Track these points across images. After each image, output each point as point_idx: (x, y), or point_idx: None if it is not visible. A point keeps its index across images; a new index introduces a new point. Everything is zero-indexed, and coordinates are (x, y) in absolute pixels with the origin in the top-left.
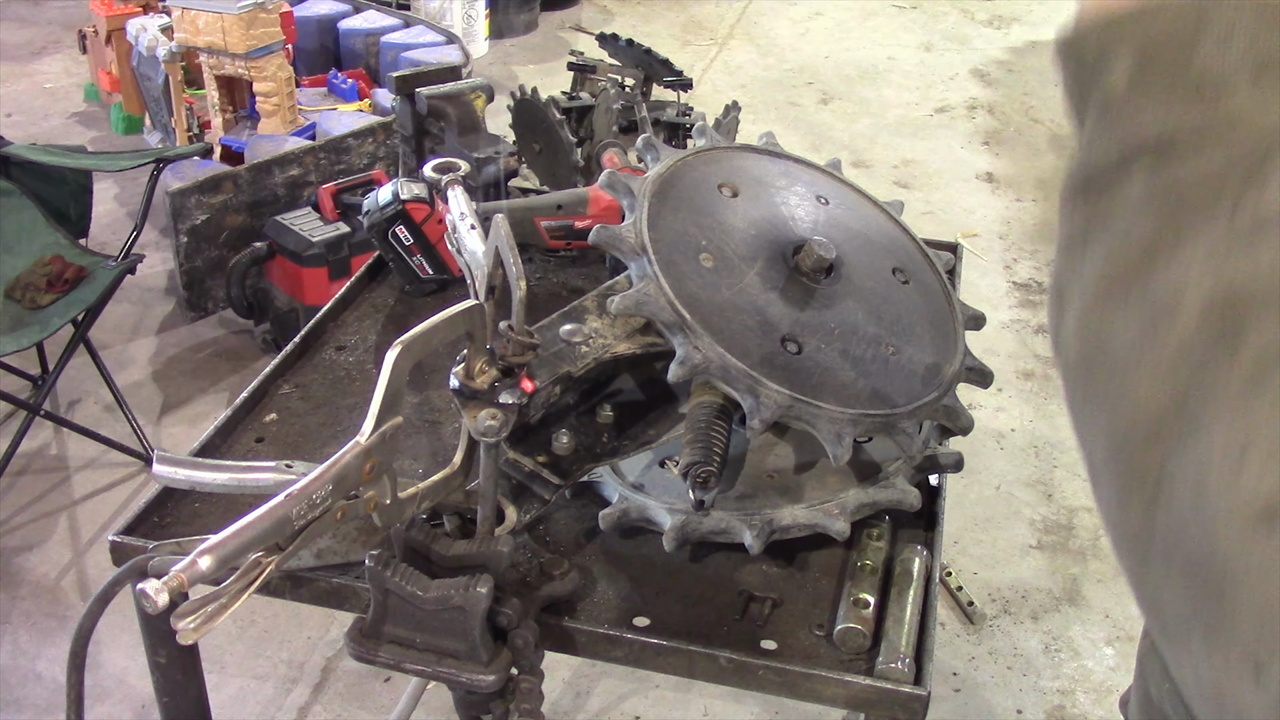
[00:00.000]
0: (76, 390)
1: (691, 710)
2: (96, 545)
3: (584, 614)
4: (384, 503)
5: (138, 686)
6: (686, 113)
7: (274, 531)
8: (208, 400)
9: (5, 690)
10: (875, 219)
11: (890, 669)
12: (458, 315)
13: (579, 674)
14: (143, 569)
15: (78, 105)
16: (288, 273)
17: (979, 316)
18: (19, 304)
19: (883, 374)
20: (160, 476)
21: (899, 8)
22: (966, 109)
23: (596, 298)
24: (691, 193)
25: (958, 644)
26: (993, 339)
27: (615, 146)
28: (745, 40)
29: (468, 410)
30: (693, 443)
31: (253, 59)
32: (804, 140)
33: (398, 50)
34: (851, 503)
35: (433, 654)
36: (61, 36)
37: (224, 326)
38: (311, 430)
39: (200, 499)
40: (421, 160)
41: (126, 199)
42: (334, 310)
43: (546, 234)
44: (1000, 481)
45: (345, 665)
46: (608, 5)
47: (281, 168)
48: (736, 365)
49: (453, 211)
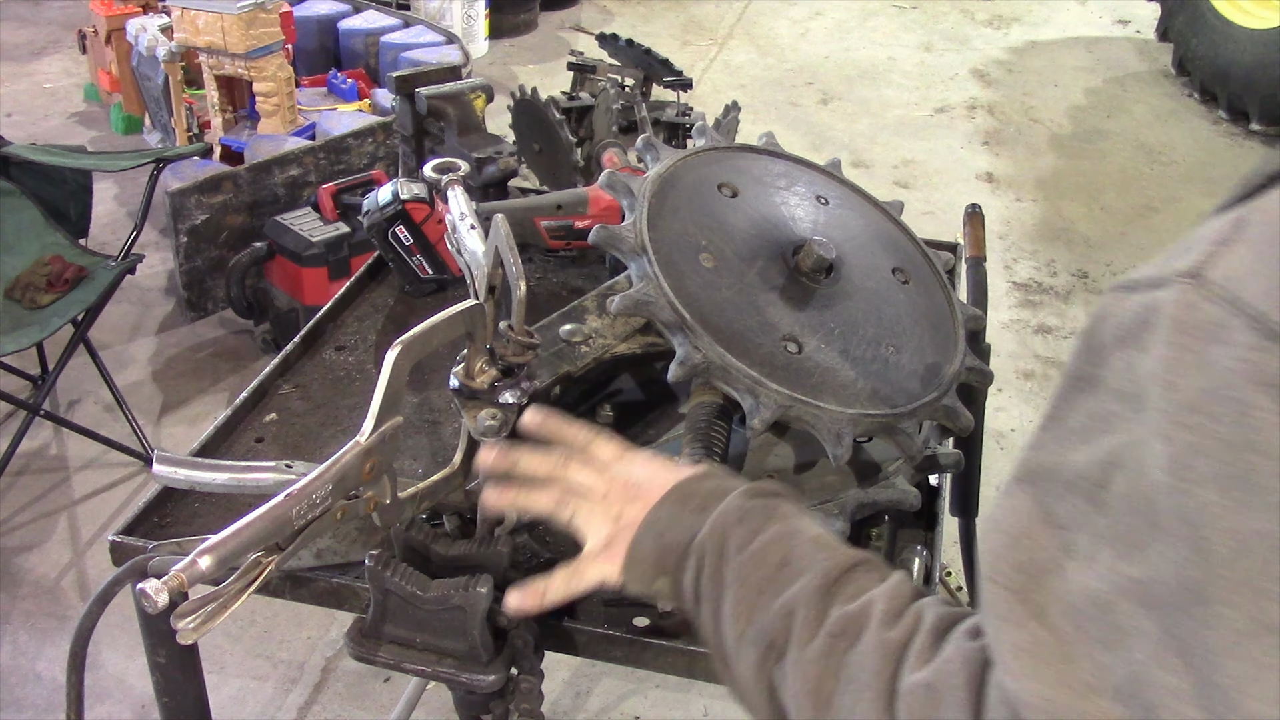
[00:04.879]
0: (76, 390)
1: (691, 710)
2: (96, 545)
3: (584, 614)
4: (384, 503)
5: (138, 686)
6: (686, 113)
7: (274, 531)
8: (208, 400)
9: (5, 690)
10: (875, 219)
11: None
12: (458, 315)
13: (579, 674)
14: (143, 569)
15: (78, 105)
16: (288, 273)
17: (978, 316)
18: (19, 304)
19: (883, 374)
20: (160, 476)
21: (899, 8)
22: (966, 109)
23: (596, 298)
24: (691, 193)
25: None
26: (993, 339)
27: (615, 146)
28: (745, 40)
29: (468, 410)
30: (693, 443)
31: (253, 59)
32: (804, 140)
33: (398, 50)
34: (851, 503)
35: (433, 654)
36: (61, 36)
37: (224, 326)
38: (311, 430)
39: (200, 499)
40: (421, 160)
41: (126, 199)
42: (334, 310)
43: (546, 234)
44: (1000, 481)
45: (345, 665)
46: (608, 5)
47: (281, 168)
48: (736, 365)
49: (453, 211)
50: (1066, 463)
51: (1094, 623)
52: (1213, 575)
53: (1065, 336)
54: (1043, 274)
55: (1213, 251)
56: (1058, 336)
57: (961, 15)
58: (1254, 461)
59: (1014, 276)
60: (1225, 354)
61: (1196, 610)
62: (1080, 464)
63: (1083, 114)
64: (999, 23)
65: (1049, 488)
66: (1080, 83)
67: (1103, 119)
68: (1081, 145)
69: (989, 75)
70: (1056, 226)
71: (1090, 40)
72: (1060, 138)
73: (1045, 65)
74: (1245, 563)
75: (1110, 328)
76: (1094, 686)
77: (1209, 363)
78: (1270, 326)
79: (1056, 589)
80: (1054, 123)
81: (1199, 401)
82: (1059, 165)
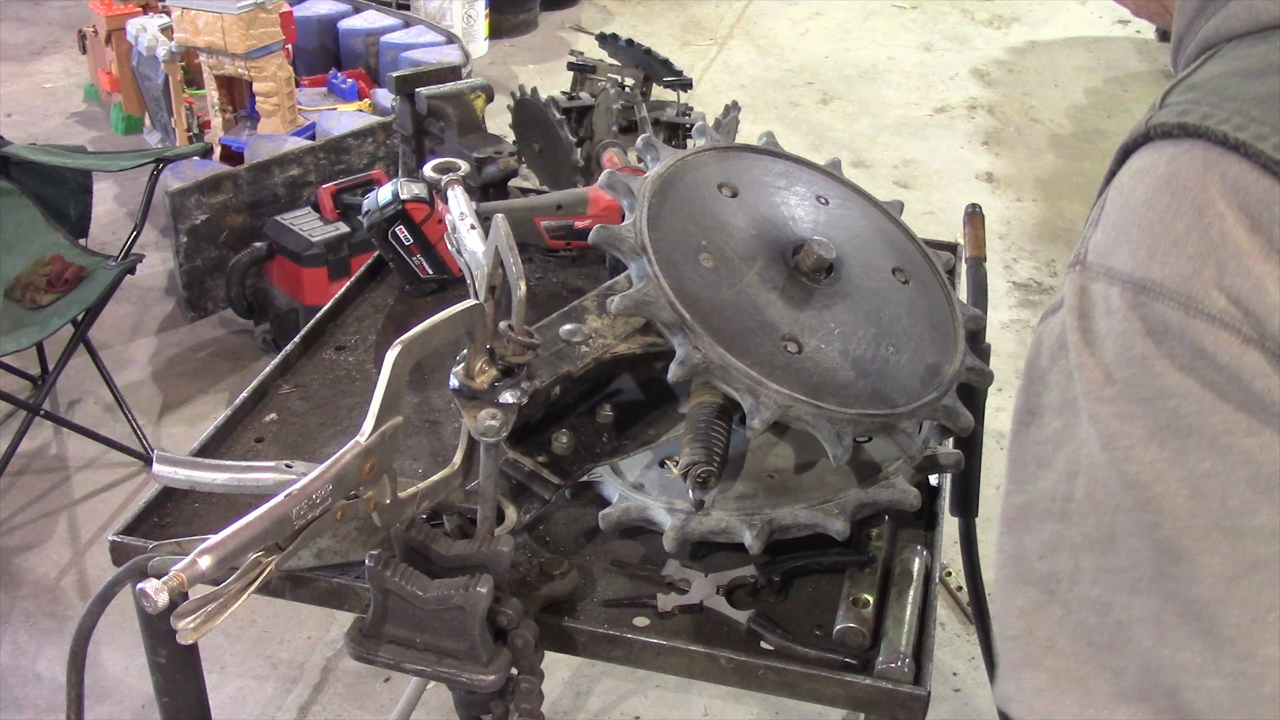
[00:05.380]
0: (76, 390)
1: (691, 710)
2: (96, 545)
3: (584, 614)
4: (384, 503)
5: (138, 686)
6: (686, 113)
7: (274, 531)
8: (208, 400)
9: (5, 690)
10: (875, 219)
11: (890, 669)
12: (458, 315)
13: (579, 674)
14: (143, 569)
15: (78, 105)
16: (287, 273)
17: (978, 316)
18: (19, 304)
19: (883, 374)
20: (160, 476)
21: (899, 8)
22: (966, 109)
23: (596, 298)
24: (691, 193)
25: (958, 644)
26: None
27: (615, 146)
28: (745, 40)
29: (468, 410)
30: (693, 443)
31: (253, 59)
32: (804, 140)
33: (398, 50)
34: (851, 503)
35: (433, 654)
36: (61, 36)
37: (224, 326)
38: (311, 430)
39: (200, 499)
40: (421, 160)
41: (126, 199)
42: (334, 310)
43: (546, 234)
44: (1000, 481)
45: (345, 665)
46: (608, 5)
47: (281, 168)
48: (736, 365)
49: (453, 211)
50: (1034, 496)
51: (1097, 631)
52: (1179, 529)
53: None
54: (1043, 274)
55: (1087, 236)
56: None
57: (961, 15)
58: (1174, 406)
59: (1014, 276)
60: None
61: (1179, 570)
62: (1045, 489)
63: (1083, 114)
64: (999, 23)
65: (1026, 526)
66: (1080, 83)
67: (1103, 119)
68: (1081, 145)
69: (989, 75)
70: (1056, 226)
71: (1090, 40)
72: (1060, 138)
73: (1045, 65)
74: (1204, 506)
75: (1045, 352)
76: (1115, 694)
77: (1105, 334)
78: (1138, 281)
79: (1058, 616)
80: (1054, 123)
81: (1108, 372)
82: (1059, 165)
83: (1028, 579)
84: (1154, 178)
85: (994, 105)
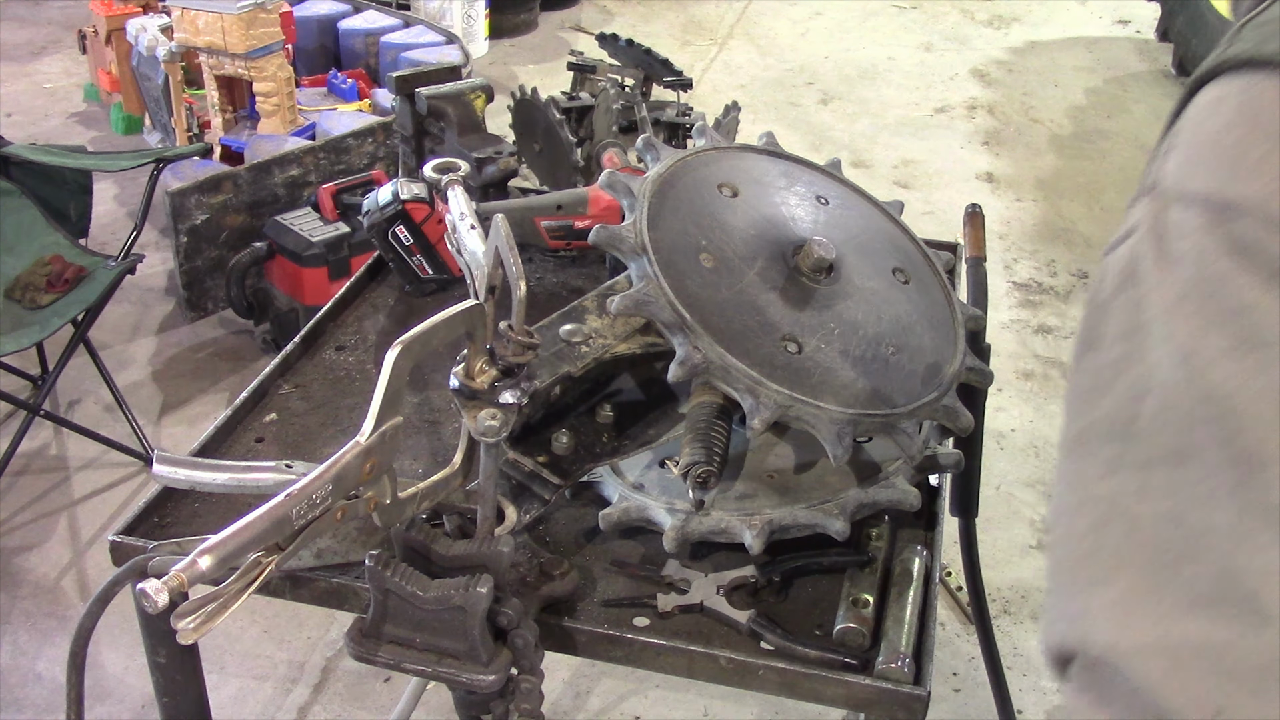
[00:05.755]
0: (76, 390)
1: (691, 710)
2: (96, 545)
3: (584, 614)
4: (384, 503)
5: (138, 686)
6: (686, 113)
7: (274, 531)
8: (208, 400)
9: (5, 690)
10: (875, 219)
11: (890, 669)
12: (458, 315)
13: (579, 674)
14: (143, 569)
15: (78, 105)
16: (287, 273)
17: (978, 316)
18: (19, 304)
19: (883, 374)
20: (160, 476)
21: (899, 8)
22: (966, 109)
23: (596, 298)
24: (691, 193)
25: (958, 644)
26: (993, 339)
27: (615, 146)
28: (745, 40)
29: (468, 410)
30: (693, 443)
31: (253, 59)
32: (804, 140)
33: (398, 50)
34: (851, 503)
35: (433, 654)
36: (61, 36)
37: (224, 326)
38: (311, 430)
39: (200, 499)
40: (421, 160)
41: (126, 199)
42: (334, 310)
43: (546, 234)
44: (1000, 481)
45: (345, 665)
46: (608, 5)
47: (281, 168)
48: (736, 365)
49: (453, 211)
50: (1093, 420)
51: (1170, 542)
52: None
53: (1065, 336)
54: (1043, 274)
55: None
56: (1058, 336)
57: (961, 15)
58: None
59: (1014, 276)
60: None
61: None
62: (1105, 413)
63: (1083, 114)
64: (999, 23)
65: (1086, 450)
66: (1080, 83)
67: (1103, 119)
68: (1081, 145)
69: (989, 75)
70: (1056, 226)
71: (1090, 40)
72: (1060, 138)
73: (1045, 65)
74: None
75: (1110, 282)
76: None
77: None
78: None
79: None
80: (1054, 123)
81: (1186, 290)
82: (1059, 165)
83: (1090, 501)
84: (1230, 106)
85: (994, 105)
